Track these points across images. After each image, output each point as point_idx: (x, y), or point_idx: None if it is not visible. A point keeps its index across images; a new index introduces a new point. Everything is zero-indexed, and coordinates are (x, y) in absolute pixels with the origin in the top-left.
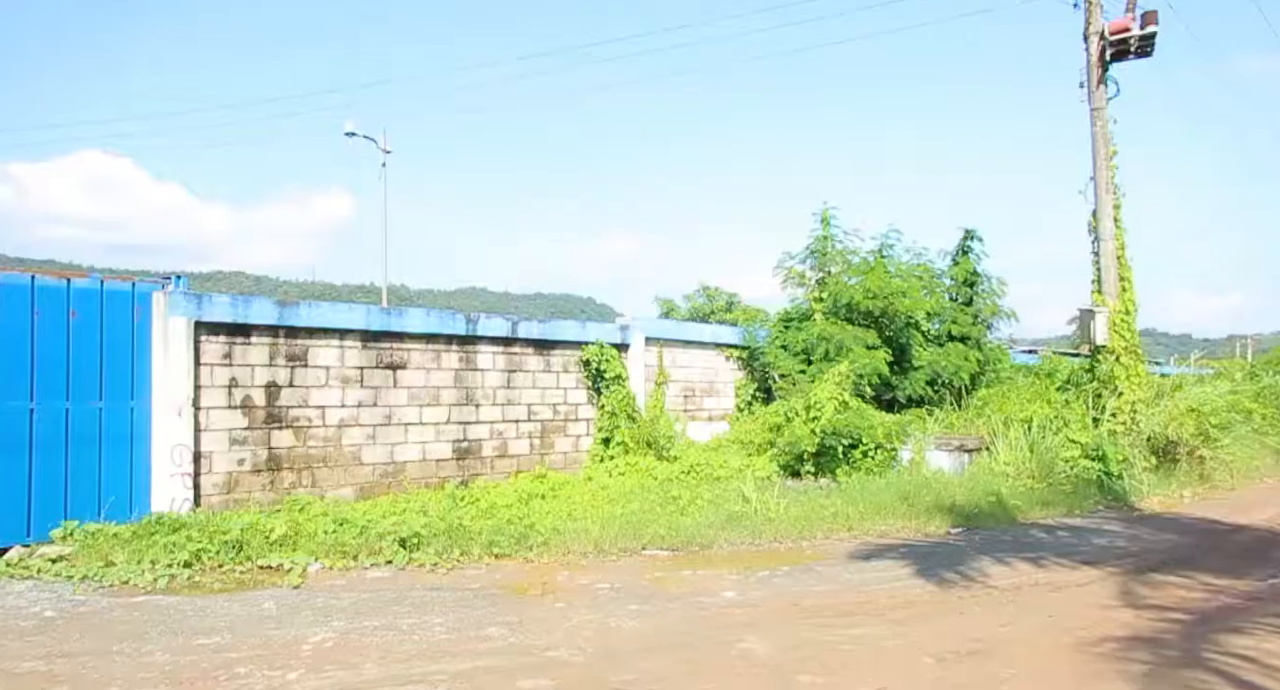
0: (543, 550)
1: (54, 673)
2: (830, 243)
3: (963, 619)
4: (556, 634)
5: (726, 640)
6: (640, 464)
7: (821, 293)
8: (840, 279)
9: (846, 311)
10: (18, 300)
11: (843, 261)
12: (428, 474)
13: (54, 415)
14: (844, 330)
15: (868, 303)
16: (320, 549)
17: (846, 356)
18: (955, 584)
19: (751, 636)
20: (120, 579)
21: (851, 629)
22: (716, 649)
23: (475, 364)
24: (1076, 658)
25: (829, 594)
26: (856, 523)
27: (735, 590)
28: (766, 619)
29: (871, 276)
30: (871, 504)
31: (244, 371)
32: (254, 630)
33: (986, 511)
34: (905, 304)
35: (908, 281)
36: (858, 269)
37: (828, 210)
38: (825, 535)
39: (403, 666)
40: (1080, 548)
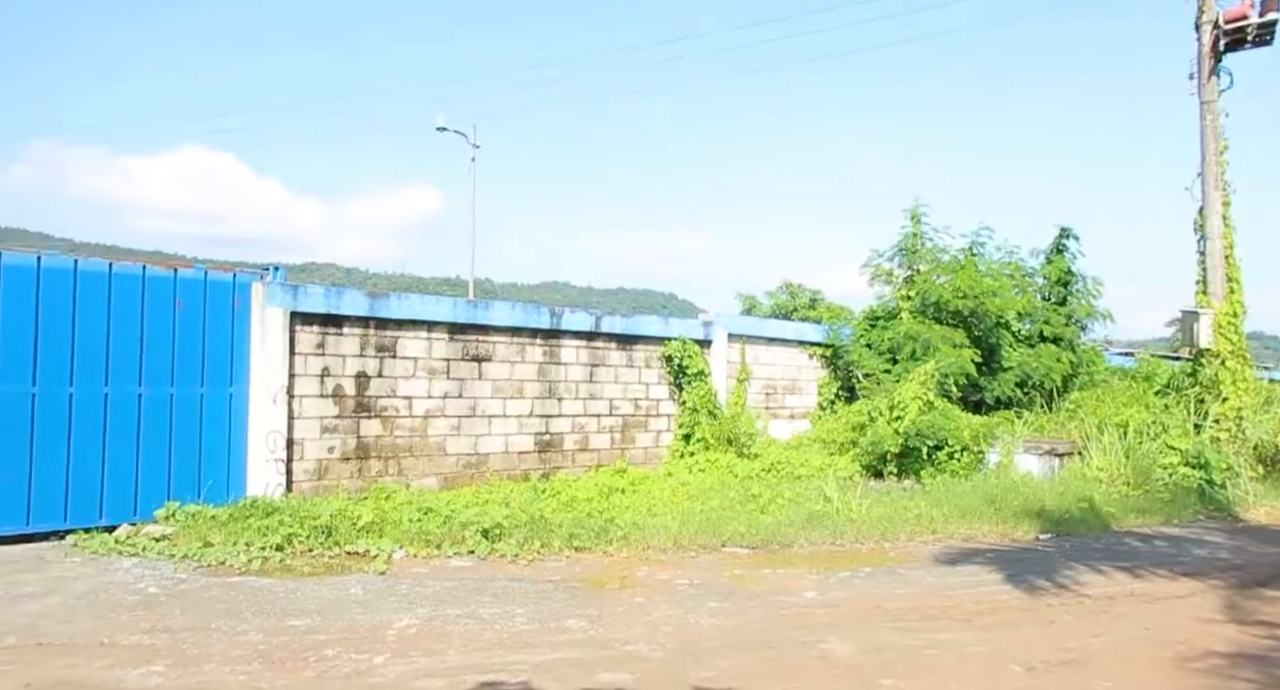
0: (622, 544)
1: (156, 647)
2: (920, 240)
3: (1053, 628)
4: (636, 628)
5: (807, 640)
6: (720, 461)
7: (909, 291)
8: (929, 277)
9: (935, 310)
10: (129, 289)
11: (932, 259)
12: (510, 466)
13: (159, 400)
14: (931, 329)
15: (957, 302)
16: (405, 537)
17: (933, 356)
18: (1045, 591)
19: (832, 637)
20: (217, 559)
21: (936, 633)
22: (797, 649)
23: (559, 358)
24: (1176, 673)
25: (912, 597)
26: (941, 526)
27: (816, 590)
28: (848, 620)
29: (961, 275)
30: (956, 507)
31: (335, 361)
32: (342, 614)
33: (1078, 518)
34: (996, 304)
35: (998, 280)
36: (947, 267)
37: (918, 208)
38: (908, 537)
39: (485, 655)
40: (1179, 558)
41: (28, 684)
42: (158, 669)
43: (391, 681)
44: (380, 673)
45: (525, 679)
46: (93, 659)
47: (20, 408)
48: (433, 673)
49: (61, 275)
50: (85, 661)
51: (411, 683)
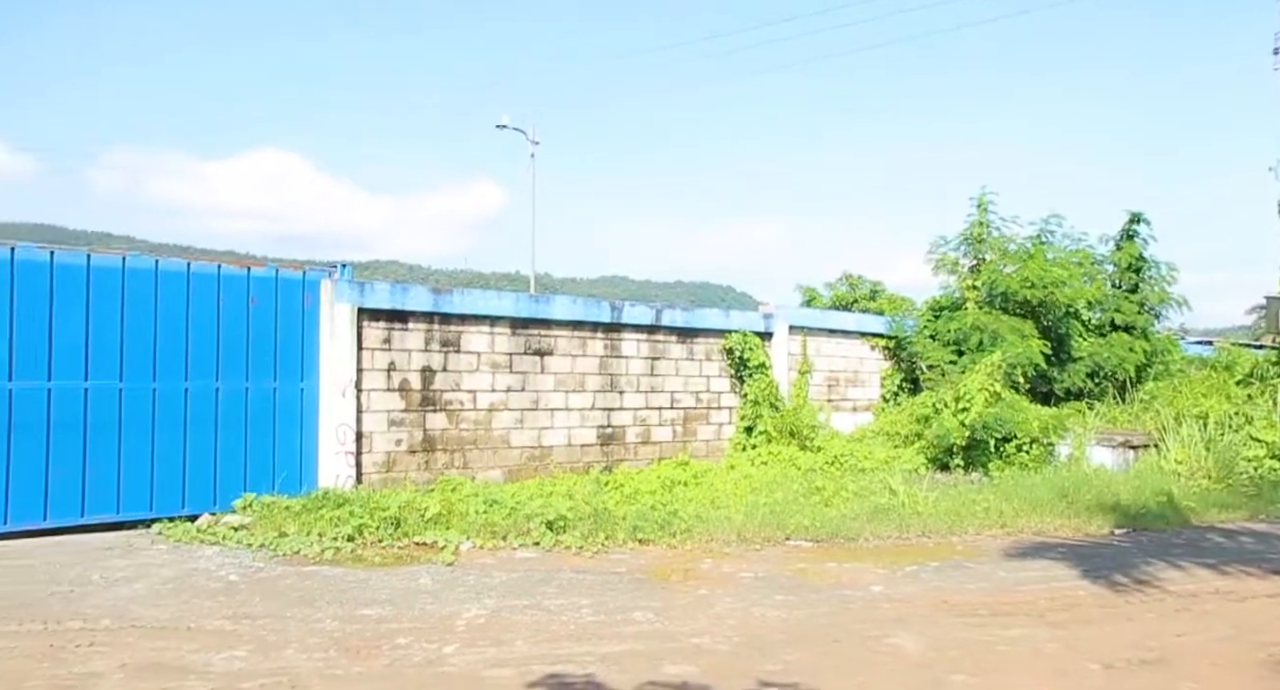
0: (686, 537)
1: (238, 632)
2: (986, 229)
3: (1132, 625)
4: (701, 621)
5: (874, 635)
6: (783, 453)
7: (975, 280)
8: (995, 267)
9: (1002, 300)
10: (206, 287)
11: (999, 248)
12: (573, 458)
13: (235, 394)
14: (998, 320)
15: (1025, 292)
16: (471, 528)
17: (1000, 347)
18: (1123, 588)
19: (901, 632)
20: (292, 549)
21: (1007, 630)
22: (864, 643)
23: (620, 351)
24: (1269, 676)
25: (982, 592)
26: (1010, 519)
27: (882, 584)
28: (916, 615)
29: (1030, 265)
30: (1026, 500)
31: (401, 356)
32: (412, 603)
33: (1155, 512)
34: (1065, 293)
35: (1067, 269)
36: (1014, 257)
37: (984, 196)
38: (976, 531)
39: (552, 646)
40: (1268, 555)
41: (123, 664)
42: (240, 654)
43: (462, 670)
44: (450, 662)
45: (592, 670)
46: (180, 642)
47: (109, 402)
48: (501, 662)
49: (144, 275)
50: (174, 645)
51: (481, 672)
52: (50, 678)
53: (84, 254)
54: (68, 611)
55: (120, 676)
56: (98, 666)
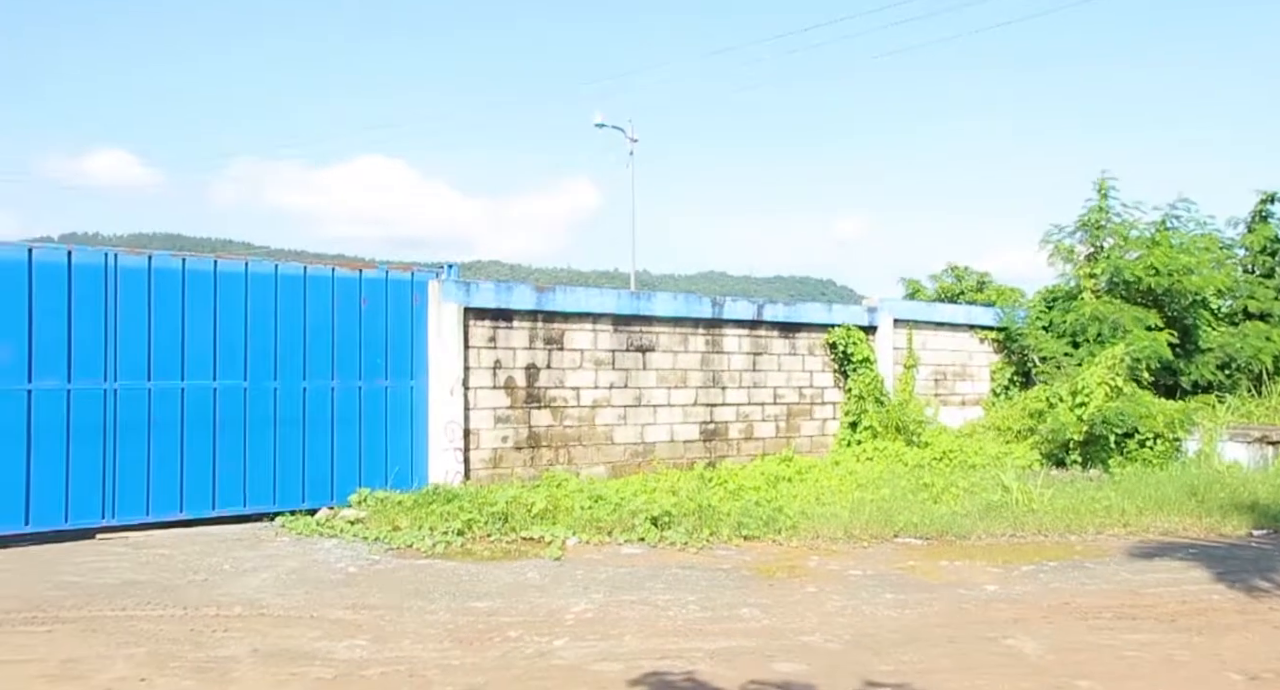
0: (791, 533)
1: (358, 622)
2: (1106, 215)
3: (1278, 633)
4: (810, 619)
5: (991, 636)
6: (889, 449)
7: (1093, 269)
8: (1116, 254)
9: (1123, 289)
10: (321, 289)
11: (1120, 235)
12: (676, 454)
13: (349, 392)
14: (1121, 310)
15: (1150, 280)
16: (577, 524)
17: (1122, 338)
18: (1264, 593)
19: (1019, 634)
20: (405, 542)
21: (1134, 634)
22: (981, 644)
23: (721, 347)
24: None
25: (1105, 594)
26: (1133, 518)
27: (997, 584)
28: (1034, 617)
29: (1155, 251)
30: (1151, 498)
31: (506, 354)
32: (521, 597)
33: None
34: (1193, 281)
35: (1194, 255)
36: (1137, 243)
37: (1105, 180)
38: (1096, 531)
39: (660, 641)
40: None
41: (255, 649)
42: (360, 642)
43: (571, 663)
44: (560, 655)
45: (700, 666)
46: (305, 630)
47: (235, 401)
48: (610, 656)
49: (264, 279)
50: (299, 632)
51: (590, 665)
52: (191, 660)
53: (211, 260)
54: (203, 598)
55: (253, 661)
56: (232, 651)
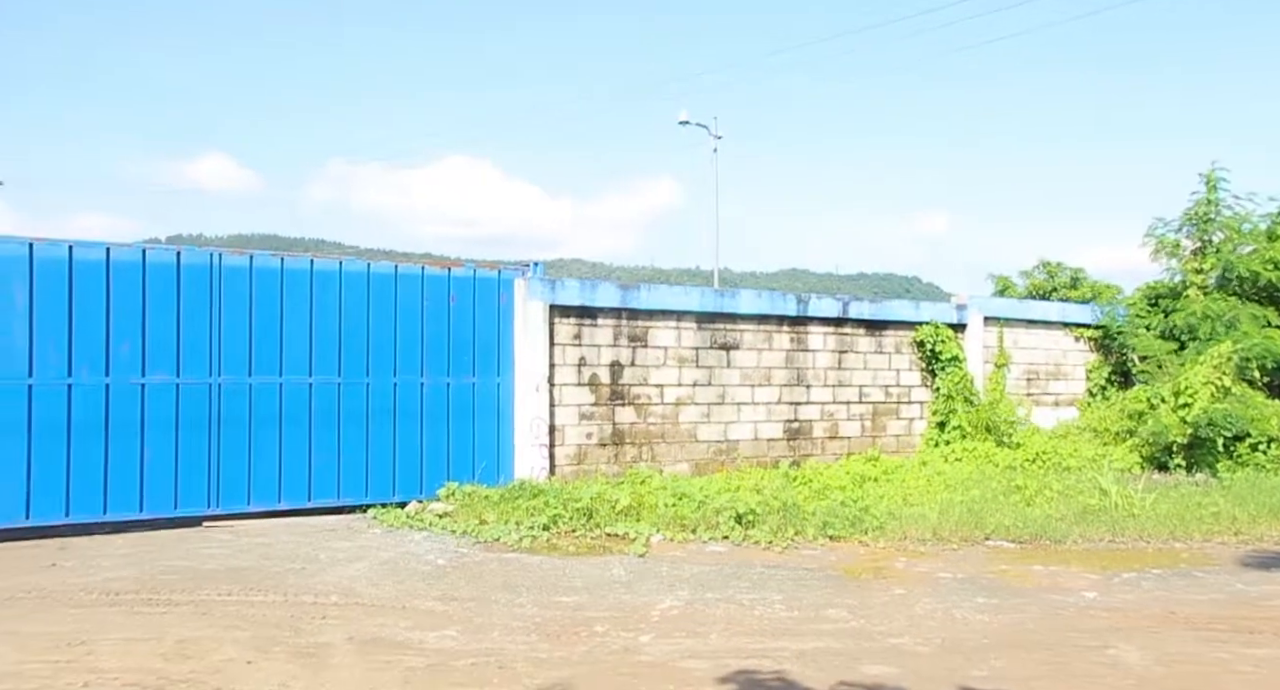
0: (878, 534)
1: (448, 613)
2: (1215, 208)
3: None
4: (898, 621)
5: (1091, 645)
6: (979, 450)
7: (1200, 263)
8: (1227, 249)
9: (1237, 285)
10: (411, 287)
11: (1232, 228)
12: (759, 453)
13: (437, 389)
14: (1235, 307)
15: (1270, 275)
16: (661, 521)
17: (1233, 336)
18: None
19: (1121, 643)
20: (492, 536)
21: (1250, 648)
22: (1079, 653)
23: (806, 345)
24: None
25: (1215, 604)
26: (1246, 526)
27: (1096, 591)
28: (1137, 626)
29: (1276, 245)
30: (1266, 505)
31: (591, 351)
32: (606, 593)
33: None
34: None
35: None
36: (1251, 236)
37: (1214, 172)
38: (1204, 537)
39: (746, 640)
40: None
41: (350, 636)
42: (451, 633)
43: (657, 660)
44: (646, 651)
45: (787, 666)
46: (398, 619)
47: (329, 396)
48: (696, 654)
49: (357, 278)
50: (392, 622)
51: (677, 662)
52: (292, 645)
53: (308, 259)
54: (301, 586)
55: (349, 648)
56: (329, 638)
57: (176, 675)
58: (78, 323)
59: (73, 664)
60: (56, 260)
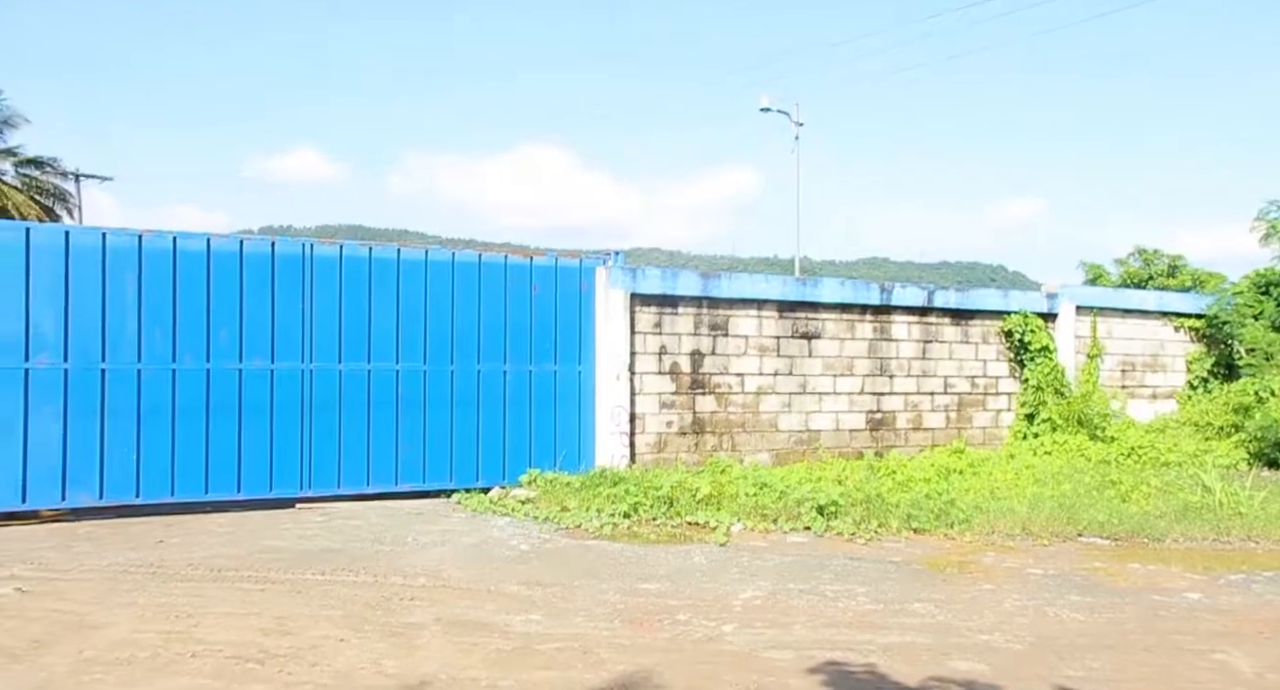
0: (964, 528)
1: (532, 597)
2: None
3: None
4: (987, 617)
5: (1196, 648)
6: (1070, 443)
7: None
8: None
9: None
10: (494, 276)
11: None
12: (841, 443)
13: (520, 376)
14: None
15: None
16: (741, 510)
17: None
18: None
19: (1230, 648)
20: (574, 522)
21: None
22: (1183, 656)
23: (889, 334)
24: None
25: None
26: None
27: (1200, 592)
28: (1248, 631)
29: None
30: None
31: (672, 340)
32: (688, 581)
33: None
34: None
35: None
36: None
37: None
38: None
39: (830, 632)
40: None
41: (438, 618)
42: (535, 617)
43: (740, 650)
44: (729, 640)
45: (873, 660)
46: (483, 602)
47: (415, 383)
48: (780, 645)
49: (442, 267)
50: (478, 604)
51: (760, 653)
52: (382, 624)
53: (395, 249)
54: (391, 567)
55: (437, 629)
56: (418, 618)
57: (276, 650)
58: (181, 310)
59: (181, 635)
60: (162, 251)
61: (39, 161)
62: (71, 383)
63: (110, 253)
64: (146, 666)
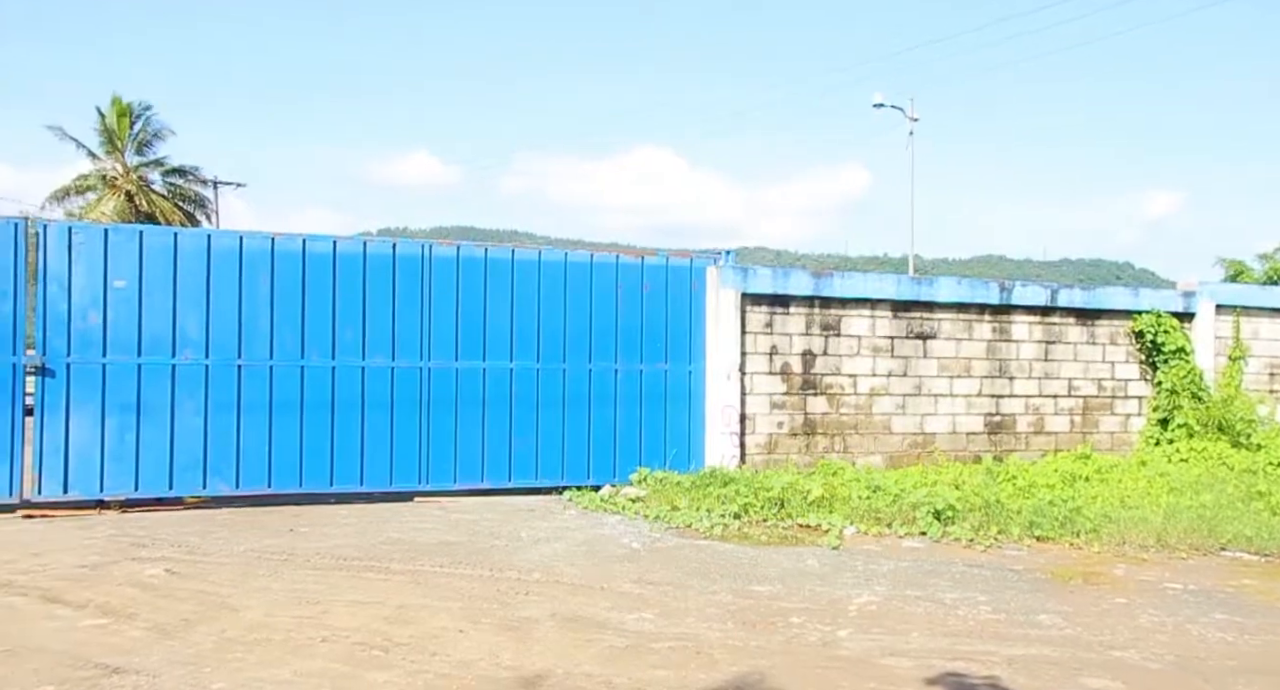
0: (1092, 537)
1: (644, 596)
2: None
3: None
4: (1121, 633)
5: None
6: (1209, 450)
7: None
8: None
9: None
10: (605, 276)
11: None
12: (957, 446)
13: (630, 375)
14: None
15: None
16: (854, 513)
17: None
18: None
19: None
20: (684, 522)
21: None
22: None
23: (1009, 334)
24: None
25: None
26: None
27: None
28: None
29: None
30: None
31: (783, 340)
32: (801, 584)
33: None
34: None
35: None
36: None
37: None
38: None
39: (950, 641)
40: None
41: (553, 613)
42: (648, 616)
43: (857, 655)
44: (845, 646)
45: (998, 672)
46: (596, 599)
47: (528, 381)
48: (898, 652)
49: (555, 267)
50: (591, 601)
51: (877, 660)
52: (499, 618)
53: (509, 249)
54: (506, 562)
55: (551, 624)
56: (533, 613)
57: (399, 638)
58: (309, 309)
59: (312, 620)
60: (292, 253)
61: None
62: (211, 378)
63: (246, 254)
64: (281, 648)
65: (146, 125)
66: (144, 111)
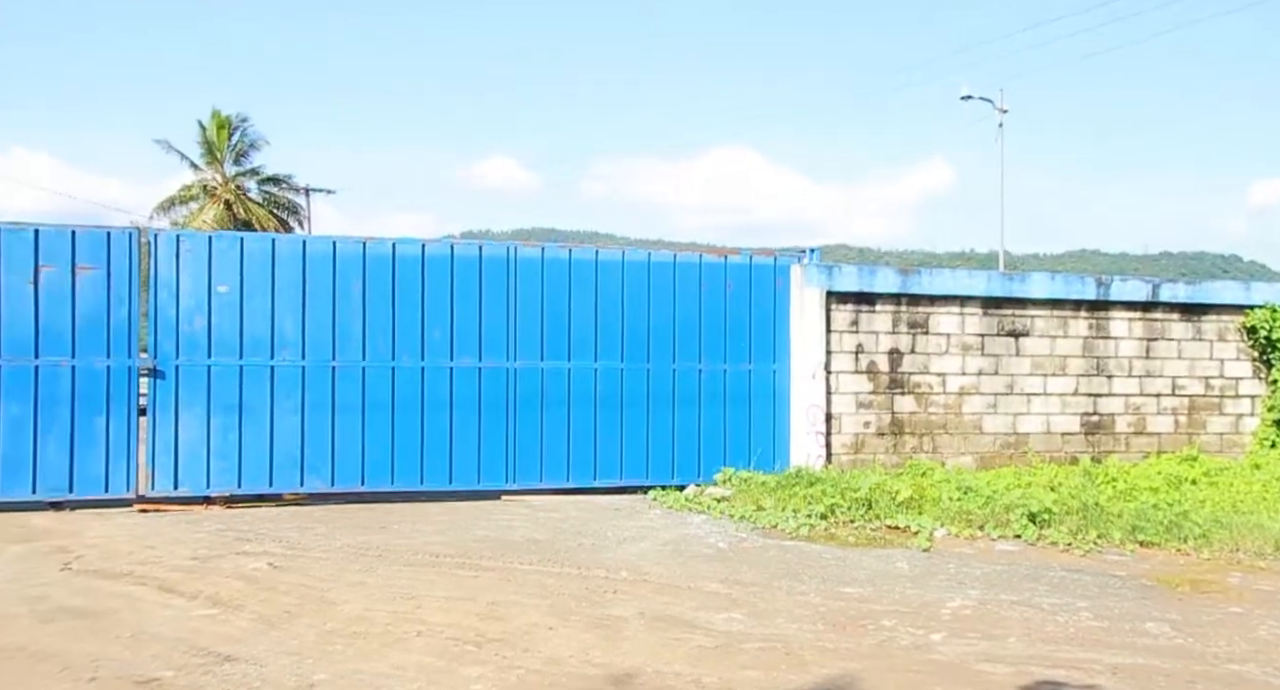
0: (1200, 543)
1: (732, 596)
2: None
3: None
4: (1238, 645)
5: None
6: None
7: None
8: None
9: None
10: (689, 275)
11: None
12: (1051, 447)
13: (714, 375)
14: None
15: None
16: (944, 515)
17: None
18: None
19: None
20: (769, 522)
21: None
22: None
23: (1107, 331)
24: None
25: None
26: None
27: None
28: None
29: None
30: None
31: (869, 338)
32: (891, 587)
33: None
34: None
35: None
36: None
37: None
38: None
39: (1049, 647)
40: None
41: (641, 612)
42: (737, 617)
43: (952, 660)
44: (939, 650)
45: (1101, 682)
46: (684, 599)
47: (612, 381)
48: (994, 658)
49: (638, 267)
50: (678, 600)
51: (971, 665)
52: (587, 616)
53: (592, 250)
54: (593, 561)
55: (640, 623)
56: (621, 612)
57: (491, 634)
58: (399, 311)
59: (407, 615)
60: (382, 256)
61: (276, 178)
62: (308, 379)
63: (339, 258)
64: (379, 641)
65: (243, 136)
66: (241, 123)
